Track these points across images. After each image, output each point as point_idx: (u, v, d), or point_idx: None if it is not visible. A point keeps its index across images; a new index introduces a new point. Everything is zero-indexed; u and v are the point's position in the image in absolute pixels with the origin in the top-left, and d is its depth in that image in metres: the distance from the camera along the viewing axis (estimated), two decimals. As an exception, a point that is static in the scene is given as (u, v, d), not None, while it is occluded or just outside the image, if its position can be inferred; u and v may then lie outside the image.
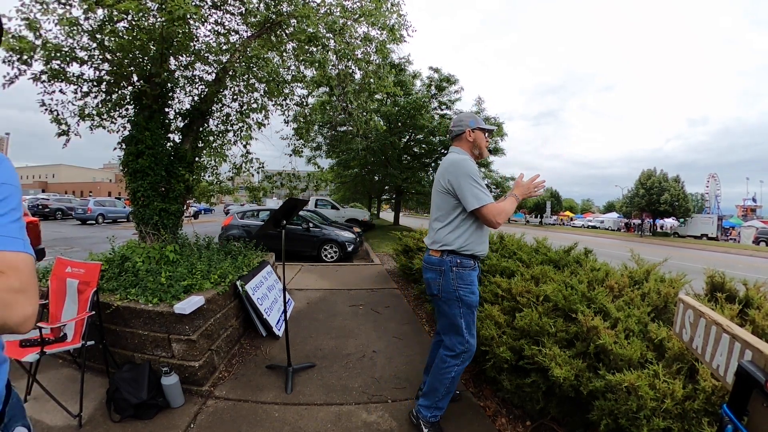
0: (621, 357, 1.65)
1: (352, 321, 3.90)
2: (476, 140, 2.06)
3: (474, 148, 2.08)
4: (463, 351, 1.94)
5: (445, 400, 1.99)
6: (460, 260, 1.93)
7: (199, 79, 3.87)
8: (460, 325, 1.93)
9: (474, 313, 1.98)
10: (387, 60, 4.54)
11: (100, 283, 2.48)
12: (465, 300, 1.92)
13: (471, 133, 2.04)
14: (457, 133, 2.08)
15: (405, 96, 13.28)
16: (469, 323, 1.96)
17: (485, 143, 2.09)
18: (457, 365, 1.95)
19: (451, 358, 1.95)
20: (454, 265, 1.92)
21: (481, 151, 2.10)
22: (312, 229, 8.64)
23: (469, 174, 1.88)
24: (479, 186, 1.87)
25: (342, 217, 15.76)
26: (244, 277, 3.27)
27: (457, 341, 1.95)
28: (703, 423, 1.32)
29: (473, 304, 1.95)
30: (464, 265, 1.93)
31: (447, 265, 1.93)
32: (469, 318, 1.95)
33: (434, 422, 2.02)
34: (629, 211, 34.10)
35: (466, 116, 2.08)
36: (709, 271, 2.18)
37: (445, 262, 1.94)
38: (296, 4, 3.61)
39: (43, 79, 3.05)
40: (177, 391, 2.23)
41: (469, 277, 1.94)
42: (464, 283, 1.92)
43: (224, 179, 4.17)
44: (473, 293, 1.95)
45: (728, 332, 0.75)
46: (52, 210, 19.01)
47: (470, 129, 2.04)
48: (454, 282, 1.92)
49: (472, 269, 1.96)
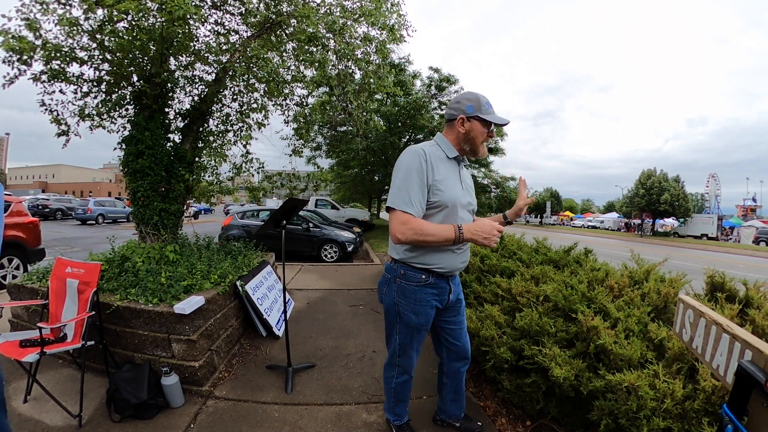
0: (621, 357, 1.65)
1: (352, 321, 3.90)
2: (469, 132, 1.57)
3: (464, 142, 1.59)
4: (395, 365, 1.79)
5: (397, 407, 1.93)
6: (404, 271, 1.61)
7: (199, 79, 3.87)
8: (395, 341, 1.74)
9: (414, 335, 1.69)
10: (387, 60, 4.54)
11: (100, 284, 2.48)
12: (403, 317, 1.65)
13: (465, 121, 1.56)
14: (448, 118, 1.61)
15: (405, 96, 13.27)
16: (405, 345, 1.71)
17: (483, 138, 1.58)
18: (393, 376, 1.82)
19: (387, 366, 1.87)
20: (398, 276, 1.63)
21: (474, 148, 1.60)
22: (312, 229, 8.64)
23: (404, 168, 1.49)
24: (409, 185, 1.47)
25: (342, 217, 15.76)
26: (244, 277, 3.27)
27: (389, 355, 1.83)
28: (703, 423, 1.32)
29: (412, 324, 1.65)
30: (409, 278, 1.60)
31: (392, 275, 1.66)
32: (406, 338, 1.69)
33: (399, 425, 1.97)
34: (629, 211, 34.09)
35: (464, 98, 1.58)
36: (709, 271, 2.18)
37: (392, 270, 1.67)
38: (296, 4, 3.61)
39: (43, 79, 3.05)
40: (177, 391, 2.23)
41: (414, 295, 1.61)
42: (406, 300, 1.62)
43: (224, 179, 4.17)
44: (416, 314, 1.62)
45: (728, 332, 0.75)
46: (52, 210, 19.02)
47: (465, 116, 1.56)
48: (396, 295, 1.65)
49: (424, 285, 1.60)
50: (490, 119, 1.56)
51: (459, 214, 1.58)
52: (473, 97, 1.57)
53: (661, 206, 29.53)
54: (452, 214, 1.56)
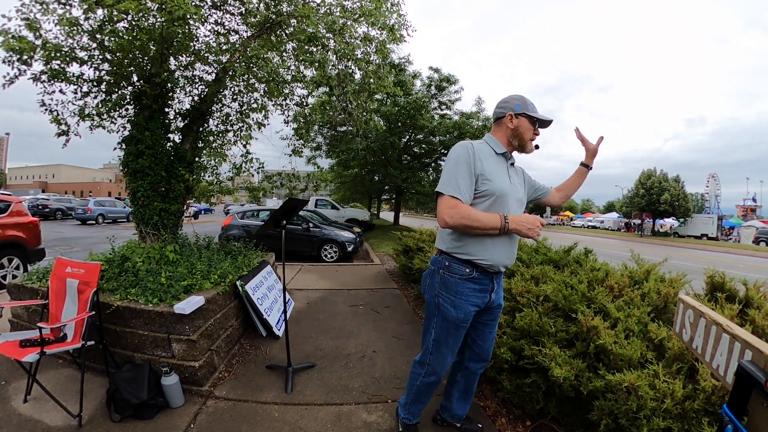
0: (621, 357, 1.65)
1: (352, 321, 3.90)
2: (518, 128, 1.68)
3: (513, 137, 1.71)
4: (426, 363, 1.77)
5: (414, 406, 1.91)
6: (449, 263, 1.66)
7: (199, 79, 3.87)
8: (430, 336, 1.73)
9: (450, 332, 1.69)
10: (387, 60, 4.53)
11: (100, 283, 2.48)
12: (443, 310, 1.67)
13: (513, 118, 1.67)
14: (497, 116, 1.73)
15: (405, 96, 13.27)
16: (440, 341, 1.71)
17: (530, 135, 1.69)
18: (421, 375, 1.81)
19: (417, 363, 1.85)
20: (442, 267, 1.68)
21: (523, 143, 1.70)
22: (312, 229, 8.64)
23: (453, 158, 1.59)
24: (457, 173, 1.55)
25: (342, 217, 15.76)
26: (244, 277, 3.27)
27: (422, 351, 1.80)
28: (703, 423, 1.32)
29: (450, 319, 1.66)
30: (453, 270, 1.64)
31: (436, 266, 1.72)
32: (442, 334, 1.70)
33: (408, 424, 1.96)
34: (629, 211, 34.10)
35: (512, 98, 1.72)
36: (709, 271, 2.18)
37: (436, 261, 1.73)
38: (296, 4, 3.61)
39: (43, 79, 3.05)
40: (177, 391, 2.23)
41: (456, 287, 1.64)
42: (447, 291, 1.66)
43: (224, 179, 4.17)
44: (455, 307, 1.64)
45: (728, 332, 0.75)
46: (52, 210, 18.99)
47: (513, 113, 1.67)
48: (438, 287, 1.69)
49: (466, 279, 1.64)
50: (536, 116, 1.69)
51: (507, 206, 1.62)
52: (520, 97, 1.71)
53: (661, 206, 29.54)
54: (500, 205, 1.60)
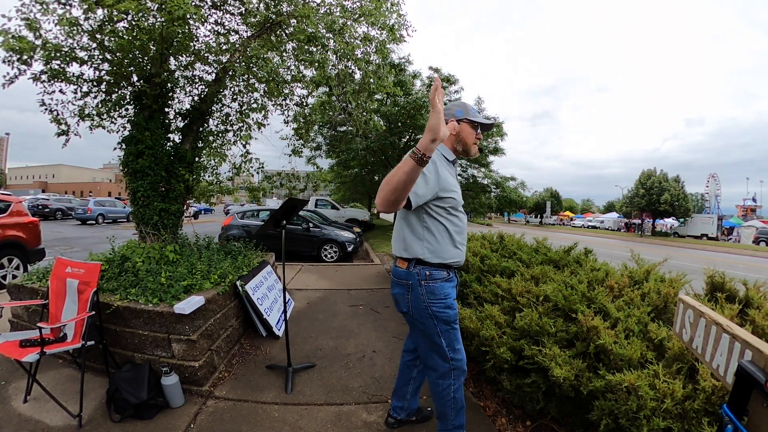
0: (621, 357, 1.65)
1: (352, 321, 3.90)
2: (460, 133, 1.72)
3: (456, 142, 1.75)
4: (450, 369, 1.73)
5: (459, 418, 1.81)
6: (429, 272, 1.65)
7: (199, 79, 3.87)
8: (441, 344, 1.70)
9: (455, 328, 1.72)
10: (387, 60, 4.53)
11: (100, 283, 2.48)
12: (440, 317, 1.67)
13: (455, 124, 1.72)
14: None
15: (405, 96, 13.26)
16: (451, 340, 1.71)
17: (473, 139, 1.74)
18: (451, 384, 1.75)
19: (442, 378, 1.74)
20: (422, 278, 1.65)
21: (465, 147, 1.75)
22: (312, 229, 8.64)
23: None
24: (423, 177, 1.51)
25: (342, 217, 15.75)
26: (244, 277, 3.27)
27: (440, 362, 1.73)
28: (703, 423, 1.32)
29: (451, 319, 1.69)
30: (435, 277, 1.66)
31: (415, 279, 1.66)
32: (450, 335, 1.71)
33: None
34: (629, 211, 34.10)
35: (453, 105, 1.77)
36: (709, 271, 2.18)
37: (412, 275, 1.66)
38: (296, 4, 3.61)
39: (43, 79, 3.05)
40: (177, 391, 2.23)
41: (443, 290, 1.67)
42: (436, 297, 1.66)
43: (224, 179, 4.17)
44: (449, 307, 1.69)
45: (728, 332, 0.75)
46: (52, 210, 19.01)
47: (455, 119, 1.72)
48: (425, 298, 1.65)
49: (446, 280, 1.69)
50: (477, 120, 1.75)
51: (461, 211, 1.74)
52: (460, 104, 1.78)
53: (661, 206, 29.54)
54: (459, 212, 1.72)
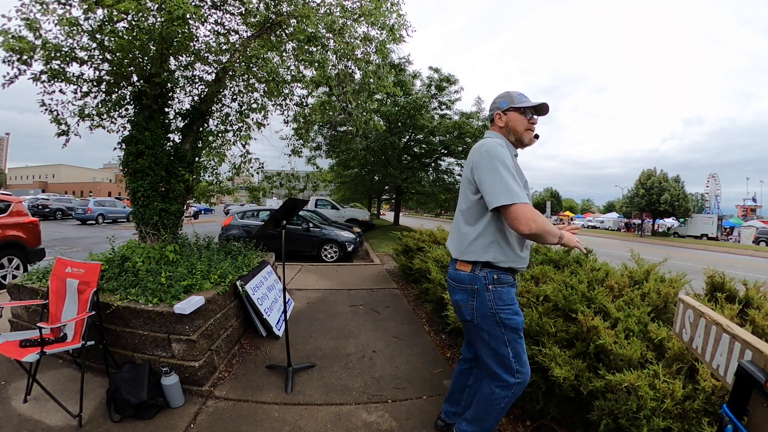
0: (621, 357, 1.65)
1: (352, 321, 3.90)
2: (508, 123, 1.65)
3: (507, 133, 1.67)
4: (516, 383, 1.60)
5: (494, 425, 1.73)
6: (497, 276, 1.55)
7: (199, 79, 3.87)
8: (507, 354, 1.57)
9: (521, 336, 1.63)
10: (387, 60, 4.53)
11: (100, 283, 2.48)
12: (508, 324, 1.55)
13: (501, 115, 1.66)
14: (489, 118, 1.74)
15: (405, 96, 13.28)
16: (518, 351, 1.60)
17: (525, 126, 1.64)
18: (508, 397, 1.63)
19: (501, 389, 1.61)
20: (490, 282, 1.55)
21: (518, 136, 1.66)
22: (312, 229, 8.64)
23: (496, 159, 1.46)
24: (510, 176, 1.44)
25: (342, 217, 15.76)
26: (244, 277, 3.27)
27: (505, 373, 1.60)
28: (703, 423, 1.32)
29: (519, 326, 1.59)
30: (503, 281, 1.56)
31: (482, 283, 1.55)
32: (516, 345, 1.60)
33: None
34: (629, 211, 34.09)
35: (499, 96, 1.71)
36: (709, 271, 2.18)
37: (478, 279, 1.56)
38: (296, 4, 3.61)
39: (43, 79, 3.04)
40: (177, 391, 2.23)
41: (510, 295, 1.58)
42: (505, 303, 1.55)
43: (224, 179, 4.17)
44: (517, 313, 1.59)
45: (728, 332, 0.75)
46: (52, 210, 19.01)
47: (500, 111, 1.66)
48: (492, 304, 1.54)
49: (512, 285, 1.60)
50: (524, 105, 1.64)
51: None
52: (505, 94, 1.70)
53: (661, 206, 29.54)
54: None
